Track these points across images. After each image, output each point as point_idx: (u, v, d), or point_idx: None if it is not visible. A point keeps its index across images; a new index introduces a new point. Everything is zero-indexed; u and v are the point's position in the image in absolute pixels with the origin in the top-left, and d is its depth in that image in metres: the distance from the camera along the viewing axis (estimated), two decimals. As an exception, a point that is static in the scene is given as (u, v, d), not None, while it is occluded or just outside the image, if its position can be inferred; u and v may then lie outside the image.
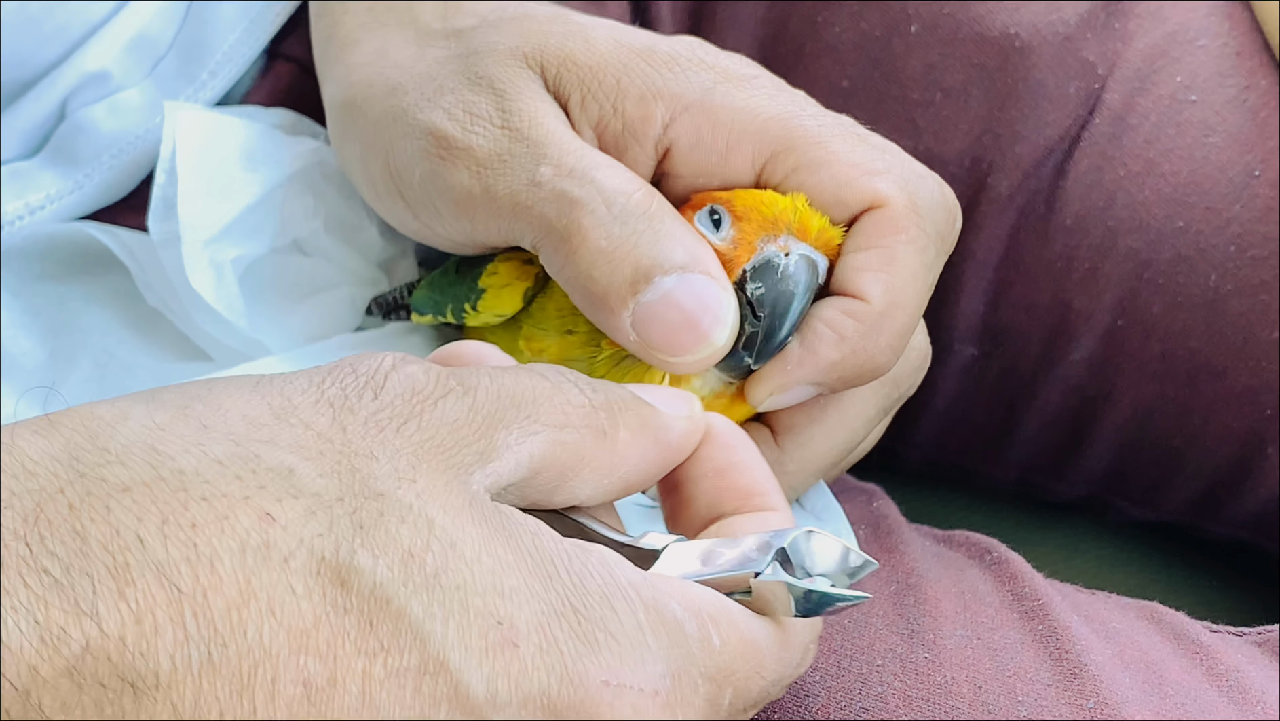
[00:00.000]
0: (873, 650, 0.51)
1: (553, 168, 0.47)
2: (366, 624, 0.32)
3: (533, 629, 0.34)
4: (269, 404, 0.35)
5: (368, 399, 0.36)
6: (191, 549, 0.31)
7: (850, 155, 0.48)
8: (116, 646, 0.30)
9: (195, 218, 0.55)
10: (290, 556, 0.32)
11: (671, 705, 0.35)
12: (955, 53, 0.68)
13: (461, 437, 0.36)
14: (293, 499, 0.33)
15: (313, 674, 0.32)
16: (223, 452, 0.33)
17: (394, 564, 0.33)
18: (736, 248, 0.48)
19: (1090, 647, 0.53)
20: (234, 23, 0.62)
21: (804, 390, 0.48)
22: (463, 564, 0.34)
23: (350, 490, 0.34)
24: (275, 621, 0.32)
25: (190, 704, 0.31)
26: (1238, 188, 0.67)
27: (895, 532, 0.57)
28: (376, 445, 0.35)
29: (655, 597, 0.36)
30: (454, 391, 0.37)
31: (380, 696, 0.32)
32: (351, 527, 0.33)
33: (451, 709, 0.33)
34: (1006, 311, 0.71)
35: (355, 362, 0.37)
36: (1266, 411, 0.69)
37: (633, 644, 0.35)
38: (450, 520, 0.34)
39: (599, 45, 0.49)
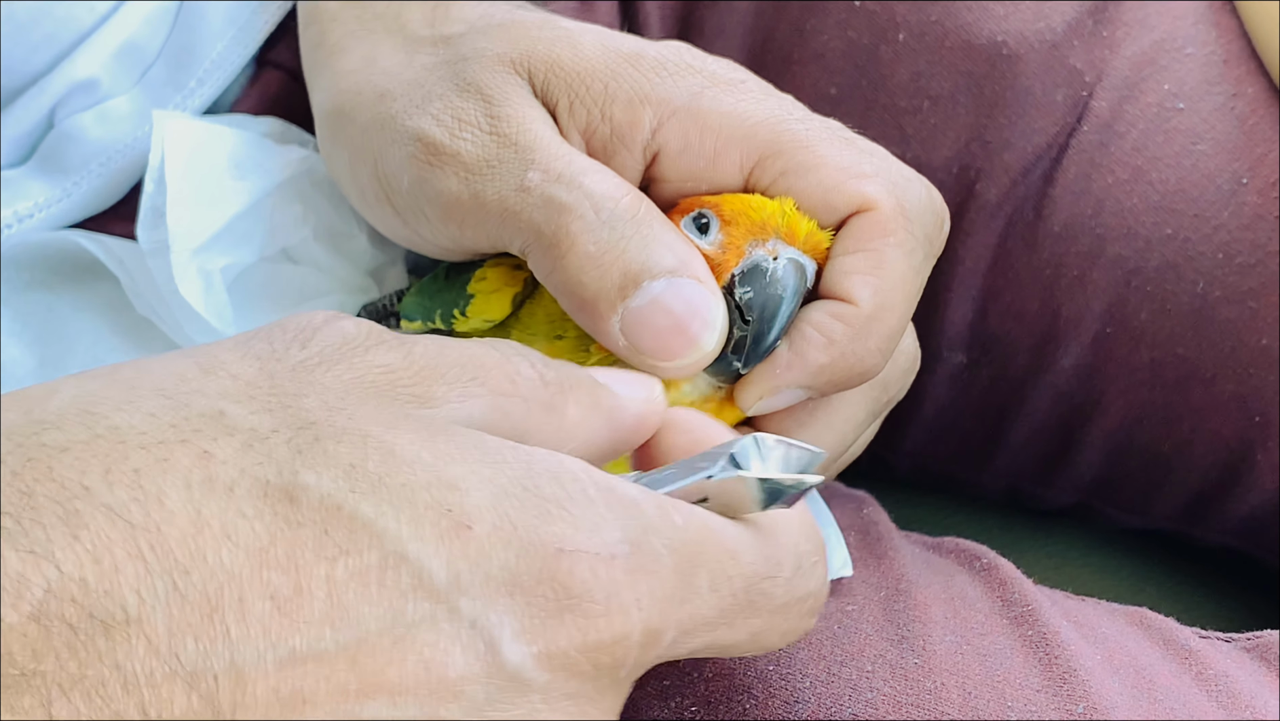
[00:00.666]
0: (862, 656, 0.51)
1: (541, 173, 0.47)
2: (321, 532, 0.33)
3: (484, 510, 0.34)
4: (195, 362, 0.36)
5: (295, 349, 0.37)
6: (138, 490, 0.32)
7: (838, 159, 0.48)
8: (79, 587, 0.31)
9: (184, 226, 0.55)
10: (234, 485, 0.33)
11: (632, 570, 0.35)
12: (943, 60, 0.68)
13: (396, 380, 0.36)
14: (228, 436, 0.33)
15: (278, 586, 0.32)
16: (153, 406, 0.34)
17: (338, 476, 0.33)
18: (725, 252, 0.48)
19: (1079, 652, 0.53)
20: (222, 30, 0.62)
21: (793, 394, 0.48)
22: (404, 465, 0.34)
23: (283, 423, 0.34)
24: (232, 544, 0.32)
25: (164, 633, 0.31)
26: (1226, 195, 0.67)
27: (885, 539, 0.57)
28: (305, 386, 0.35)
29: (606, 480, 0.36)
30: (388, 343, 0.37)
31: (347, 596, 0.32)
32: (290, 453, 0.33)
33: (418, 597, 0.33)
34: (995, 319, 0.71)
35: (285, 321, 0.38)
36: (1255, 418, 0.69)
37: (586, 513, 0.35)
38: (385, 431, 0.34)
39: (586, 51, 0.49)
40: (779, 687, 0.50)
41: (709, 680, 0.50)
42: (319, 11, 0.56)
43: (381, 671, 0.33)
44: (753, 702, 0.49)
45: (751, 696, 0.49)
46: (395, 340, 0.38)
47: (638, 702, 0.49)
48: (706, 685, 0.50)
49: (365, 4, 0.54)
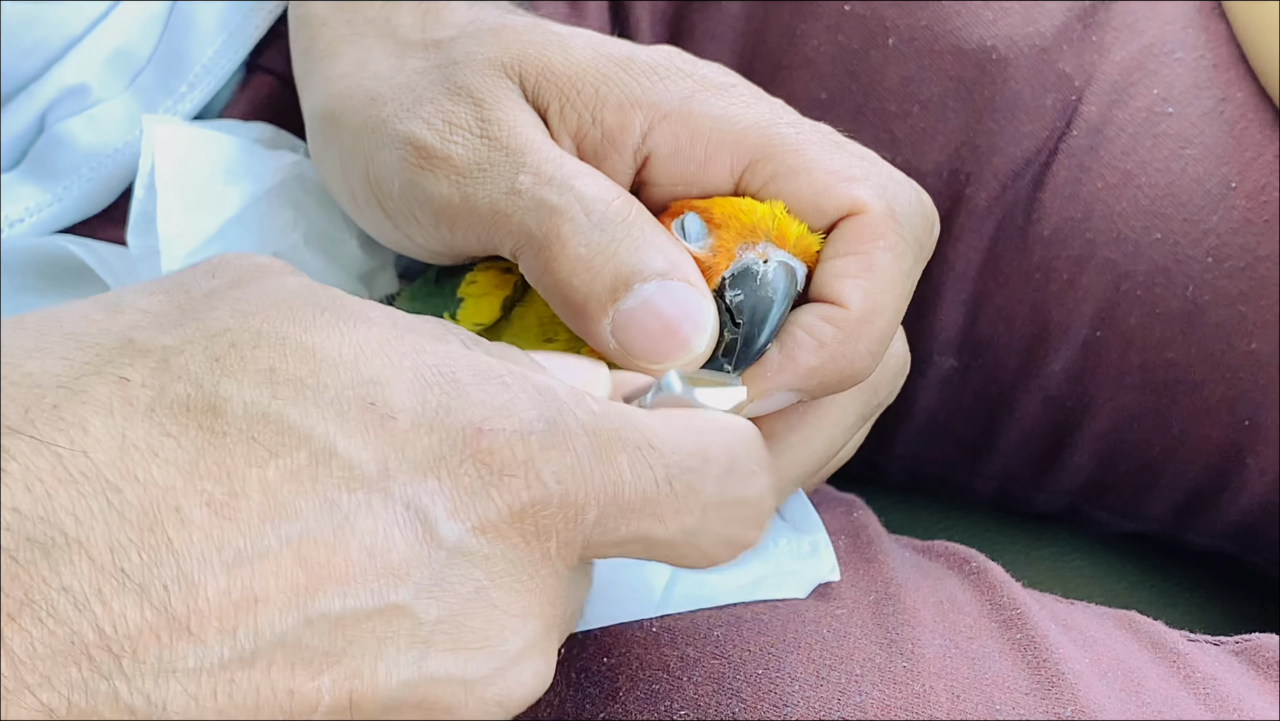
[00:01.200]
0: (851, 659, 0.51)
1: (532, 176, 0.47)
2: (249, 439, 0.33)
3: (405, 400, 0.35)
4: (101, 304, 0.36)
5: (203, 280, 0.38)
6: (59, 420, 0.32)
7: (828, 162, 0.48)
8: (13, 515, 0.31)
9: (174, 232, 0.55)
10: (154, 405, 0.33)
11: (549, 445, 0.36)
12: (933, 65, 0.68)
13: (312, 294, 0.37)
14: (142, 358, 0.34)
15: (213, 493, 0.33)
16: (64, 349, 0.34)
17: (259, 382, 0.34)
18: (715, 255, 0.48)
19: (1068, 656, 0.53)
20: (213, 35, 0.62)
21: (783, 397, 0.48)
22: (324, 365, 0.35)
23: (194, 335, 0.35)
24: (161, 460, 0.33)
25: (105, 549, 0.32)
26: (1215, 199, 0.68)
27: (874, 543, 0.57)
28: (214, 301, 0.36)
29: (517, 369, 0.37)
30: (306, 279, 0.38)
31: (283, 494, 0.33)
32: (206, 362, 0.34)
33: (351, 488, 0.34)
34: (985, 323, 0.71)
35: (198, 263, 0.39)
36: (1245, 422, 0.69)
37: (502, 395, 0.36)
38: (302, 330, 0.35)
39: (577, 55, 0.49)
40: (768, 690, 0.50)
41: (698, 683, 0.50)
42: (309, 16, 0.56)
43: (327, 562, 0.34)
44: (741, 705, 0.49)
45: (740, 699, 0.50)
46: (306, 275, 0.38)
47: (627, 706, 0.49)
48: (696, 688, 0.50)
49: (355, 8, 0.54)
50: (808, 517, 0.55)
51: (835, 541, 0.55)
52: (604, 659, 0.50)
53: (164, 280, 0.38)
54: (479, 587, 0.35)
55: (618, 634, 0.51)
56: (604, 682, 0.50)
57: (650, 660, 0.50)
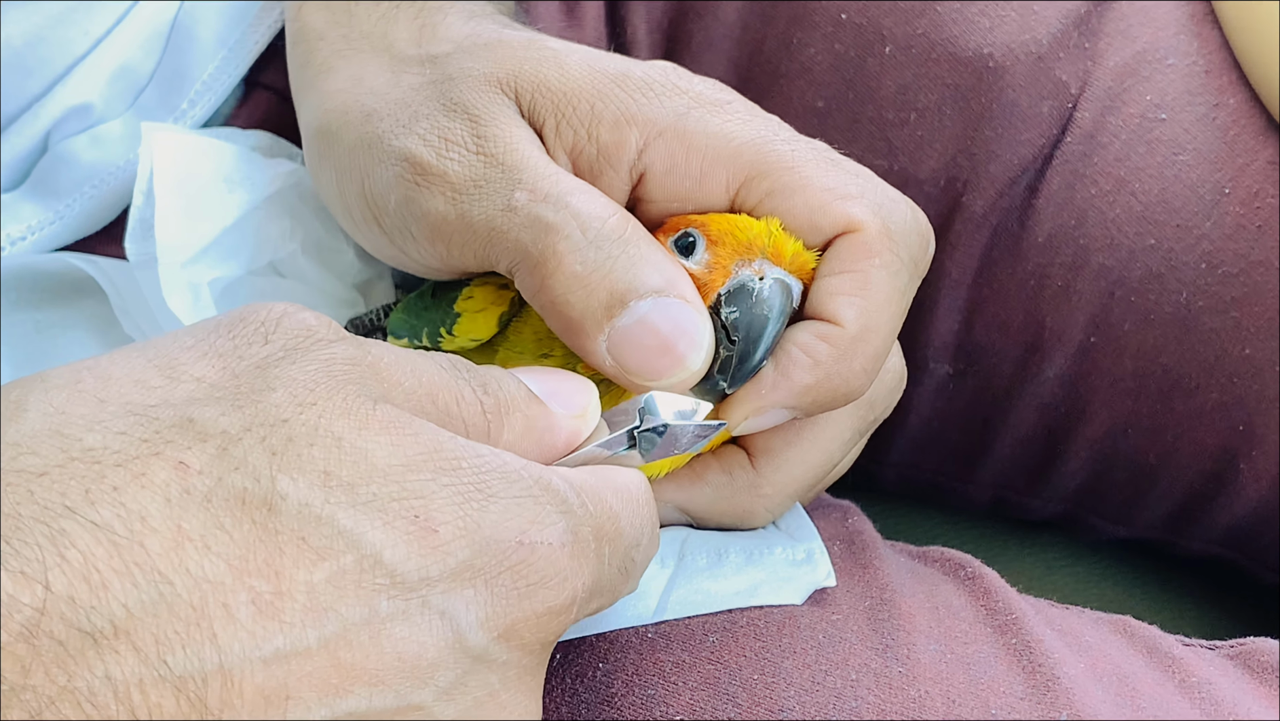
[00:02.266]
0: (847, 665, 0.51)
1: (528, 193, 0.47)
2: (300, 539, 0.35)
3: (448, 514, 0.37)
4: (156, 366, 0.37)
5: (257, 345, 0.38)
6: (120, 507, 0.33)
7: (823, 180, 0.49)
8: (68, 604, 0.32)
9: (172, 239, 0.55)
10: (211, 495, 0.34)
11: (575, 555, 0.39)
12: (929, 73, 0.68)
13: (359, 374, 0.38)
14: (201, 443, 0.35)
15: (260, 591, 0.34)
16: (123, 424, 0.35)
17: (314, 484, 0.35)
18: (711, 272, 0.48)
19: (1063, 661, 0.53)
20: (213, 52, 0.62)
21: (779, 414, 0.49)
22: (376, 473, 0.36)
23: (255, 421, 0.36)
24: (214, 554, 0.34)
25: (151, 641, 0.33)
26: (1208, 205, 0.68)
27: (869, 549, 0.57)
28: (271, 380, 0.37)
29: (540, 474, 0.39)
30: (347, 340, 0.39)
31: (326, 597, 0.35)
32: (265, 454, 0.35)
33: (391, 595, 0.35)
34: (980, 329, 0.72)
35: (244, 313, 0.39)
36: (1239, 427, 0.69)
37: (536, 510, 0.38)
38: (356, 433, 0.36)
39: (573, 71, 0.49)
40: (763, 696, 0.50)
41: (694, 688, 0.50)
42: (306, 31, 0.56)
43: (360, 664, 0.35)
44: (737, 710, 0.49)
45: (736, 704, 0.50)
46: (352, 338, 0.39)
47: (623, 711, 0.49)
48: (691, 693, 0.50)
49: (352, 23, 0.54)
50: (803, 526, 0.55)
51: (830, 547, 0.55)
52: (599, 664, 0.50)
53: (215, 336, 0.38)
54: (492, 691, 0.38)
55: (613, 639, 0.51)
56: (599, 688, 0.50)
57: (645, 665, 0.50)
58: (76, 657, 0.32)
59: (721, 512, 0.53)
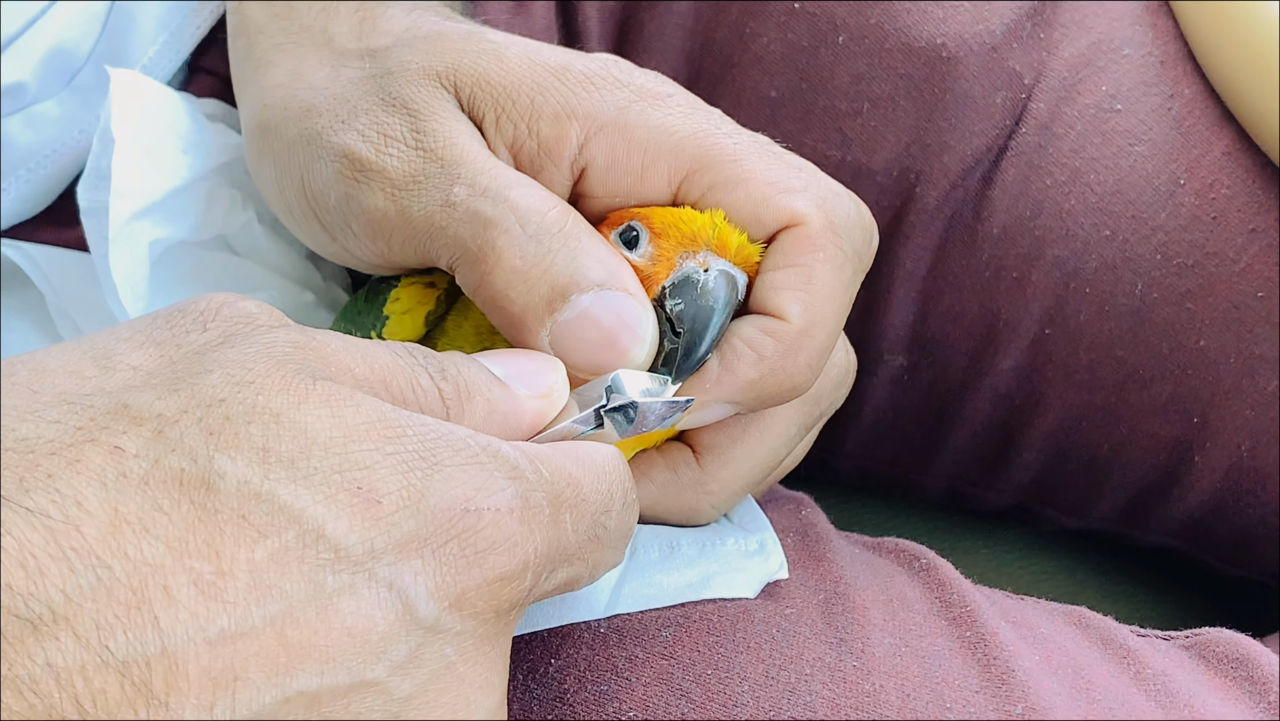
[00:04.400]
0: (801, 659, 0.51)
1: (467, 187, 0.46)
2: (239, 517, 0.34)
3: (390, 483, 0.36)
4: (90, 357, 0.36)
5: (195, 333, 0.38)
6: (55, 493, 0.33)
7: (766, 173, 0.48)
8: (5, 591, 0.31)
9: (126, 185, 0.54)
10: (148, 478, 0.34)
11: (526, 520, 0.38)
12: (883, 63, 0.68)
13: (300, 356, 0.37)
14: (136, 427, 0.34)
15: (201, 572, 0.33)
16: (57, 413, 0.34)
17: (252, 461, 0.35)
18: (655, 264, 0.48)
19: (1018, 653, 0.53)
20: (153, 36, 0.62)
21: (722, 409, 0.48)
22: (316, 446, 0.35)
23: (191, 403, 0.35)
24: (152, 537, 0.33)
25: (92, 626, 0.32)
26: (1163, 196, 0.68)
27: (823, 541, 0.57)
28: (208, 363, 0.36)
29: (489, 442, 0.38)
30: (290, 326, 0.38)
31: (270, 574, 0.34)
32: (201, 435, 0.35)
33: (337, 569, 0.35)
34: (935, 321, 0.71)
35: (185, 304, 0.39)
36: (1193, 419, 0.69)
37: (482, 475, 0.37)
38: (295, 408, 0.36)
39: (512, 64, 0.49)
40: (717, 691, 0.50)
41: (647, 684, 0.50)
42: (246, 24, 0.55)
43: (308, 641, 0.34)
44: (691, 706, 0.49)
45: (690, 700, 0.49)
46: (298, 327, 0.39)
47: (575, 707, 0.49)
48: (645, 688, 0.49)
49: (292, 16, 0.54)
50: (755, 518, 0.55)
51: (784, 539, 0.55)
52: (551, 660, 0.50)
53: (153, 327, 0.38)
54: (449, 663, 0.37)
55: (565, 635, 0.50)
56: (552, 684, 0.50)
57: (598, 661, 0.50)
58: (16, 645, 0.31)
59: (667, 510, 0.53)
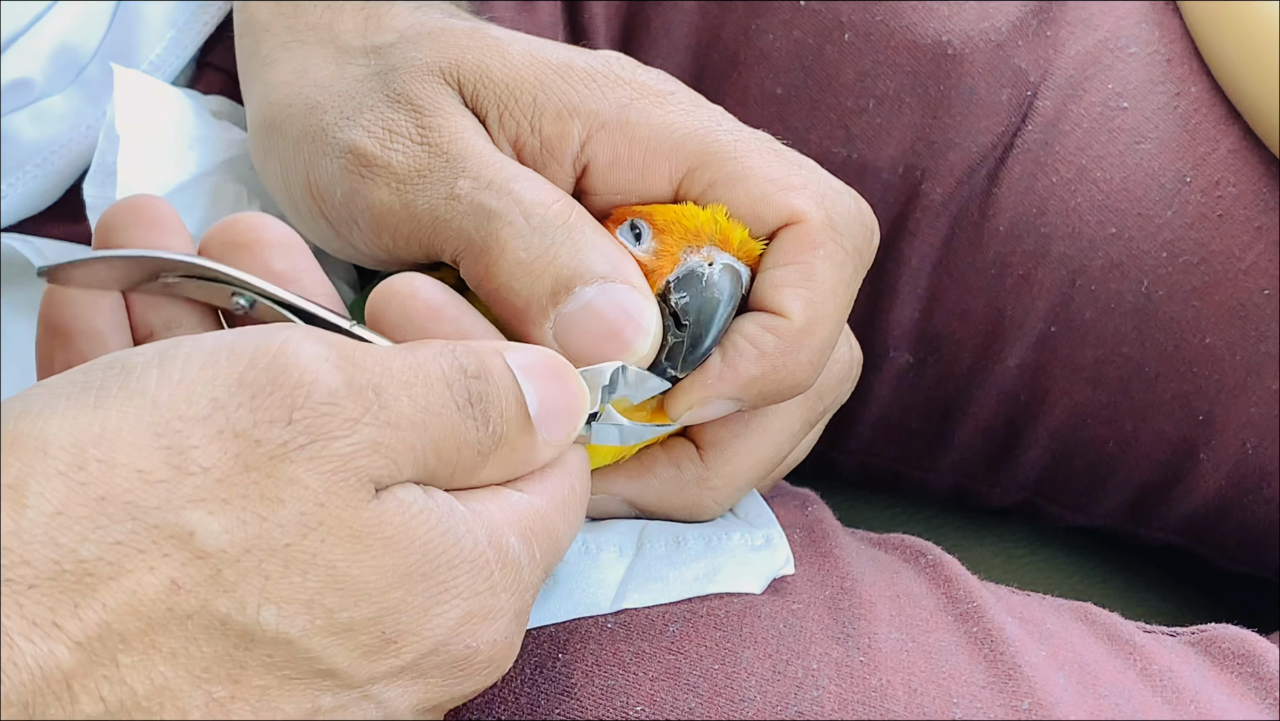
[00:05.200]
0: (808, 654, 0.51)
1: (471, 181, 0.46)
2: (266, 657, 0.36)
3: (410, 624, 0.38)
4: (164, 448, 0.35)
5: (280, 425, 0.36)
6: (105, 628, 0.34)
7: (766, 170, 0.48)
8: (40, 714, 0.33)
9: (133, 181, 0.54)
10: (192, 615, 0.35)
11: (514, 641, 0.41)
12: (888, 60, 0.68)
13: (372, 466, 0.38)
14: (198, 562, 0.35)
15: (216, 696, 0.35)
16: (121, 531, 0.34)
17: (296, 613, 0.36)
18: (659, 259, 0.48)
19: (1024, 649, 0.53)
20: (161, 32, 0.62)
21: (724, 405, 0.48)
22: (360, 599, 0.37)
23: (256, 543, 0.35)
24: (179, 666, 0.35)
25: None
26: (1169, 194, 0.68)
27: (829, 537, 0.57)
28: (283, 486, 0.36)
29: (501, 544, 0.40)
30: (372, 414, 0.38)
31: (275, 696, 0.36)
32: (258, 581, 0.35)
33: (336, 691, 0.37)
34: (940, 318, 0.71)
35: (274, 373, 0.37)
36: (1198, 417, 0.69)
37: (491, 604, 0.40)
38: (351, 559, 0.37)
39: (515, 61, 0.49)
40: (724, 686, 0.50)
41: (654, 679, 0.50)
42: (253, 22, 0.55)
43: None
44: (698, 701, 0.49)
45: (697, 694, 0.49)
46: (377, 408, 0.38)
47: (583, 702, 0.49)
48: (652, 683, 0.49)
49: (298, 13, 0.54)
50: (761, 513, 0.55)
51: (790, 535, 0.55)
52: (559, 655, 0.50)
53: (235, 407, 0.36)
54: None
55: (573, 629, 0.50)
56: (559, 679, 0.50)
57: (605, 656, 0.50)
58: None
59: (670, 506, 0.53)
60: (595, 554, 0.52)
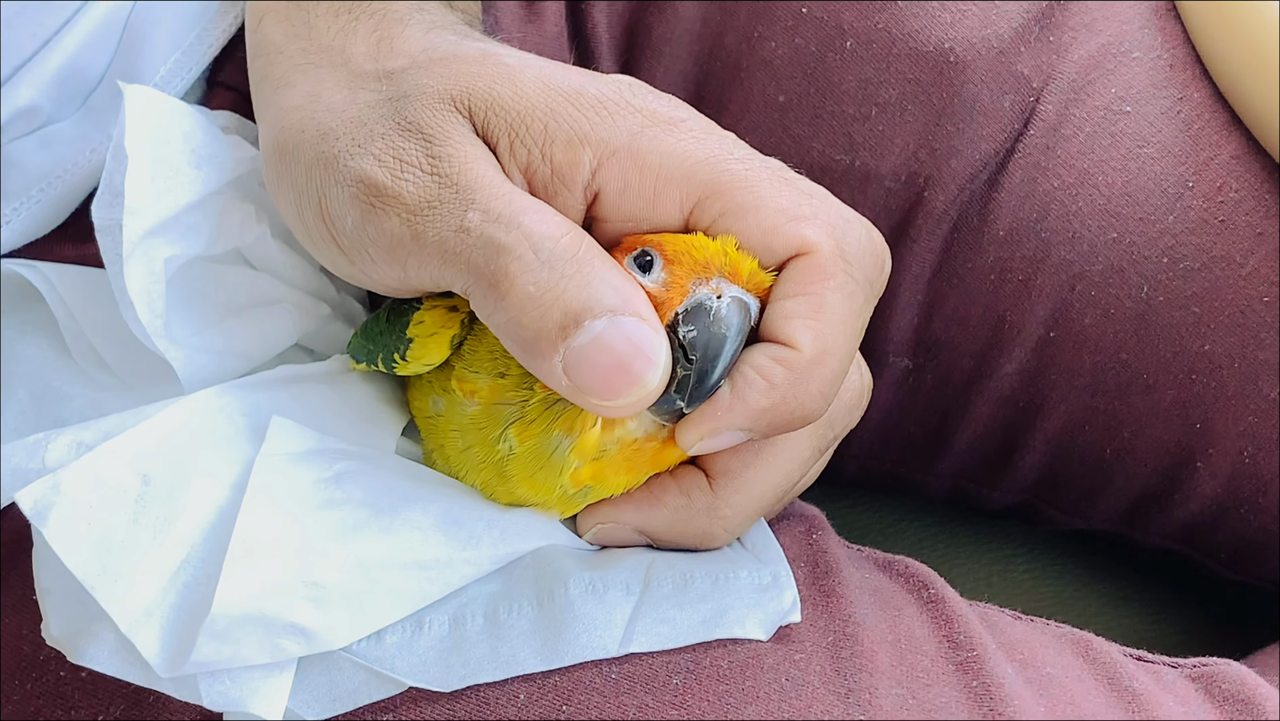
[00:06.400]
0: (809, 711, 0.51)
1: (481, 213, 0.46)
2: None
3: None
4: None
5: None
6: None
7: (777, 200, 0.48)
8: None
9: (140, 202, 0.54)
10: None
11: None
12: (890, 68, 0.68)
13: None
14: None
15: None
16: None
17: None
18: (668, 290, 0.48)
19: (1024, 706, 0.53)
20: (166, 53, 0.61)
21: (733, 435, 0.48)
22: None
23: None
24: None
25: None
26: (1171, 199, 0.68)
27: (833, 572, 0.57)
28: None
29: None
30: None
31: None
32: None
33: None
34: (940, 324, 0.72)
35: None
36: (1196, 425, 0.70)
37: None
38: None
39: (526, 89, 0.49)
40: None
41: None
42: (266, 44, 0.55)
43: None
44: None
45: None
46: None
47: None
48: None
49: (311, 36, 0.53)
50: (769, 546, 0.55)
51: (795, 569, 0.55)
52: (563, 707, 0.50)
53: None
54: None
55: (577, 680, 0.51)
56: None
57: (610, 709, 0.50)
58: None
59: (680, 534, 0.53)
60: (602, 593, 0.52)
